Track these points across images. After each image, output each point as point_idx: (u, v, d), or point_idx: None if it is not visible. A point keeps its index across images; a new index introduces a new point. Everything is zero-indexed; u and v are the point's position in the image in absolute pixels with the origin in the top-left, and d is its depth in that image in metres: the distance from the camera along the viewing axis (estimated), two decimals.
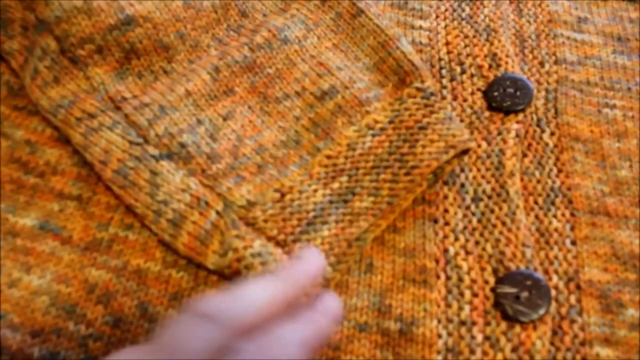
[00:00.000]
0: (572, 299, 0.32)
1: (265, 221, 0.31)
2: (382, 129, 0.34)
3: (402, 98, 0.35)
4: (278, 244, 0.31)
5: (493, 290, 0.32)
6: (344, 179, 0.33)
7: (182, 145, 0.33)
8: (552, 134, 0.38)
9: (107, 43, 0.35)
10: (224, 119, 0.34)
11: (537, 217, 0.35)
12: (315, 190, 0.32)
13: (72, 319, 0.31)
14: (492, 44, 0.40)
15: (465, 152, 0.34)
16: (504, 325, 0.31)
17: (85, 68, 0.35)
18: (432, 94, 0.35)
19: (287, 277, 0.27)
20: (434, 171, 0.34)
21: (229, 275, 0.31)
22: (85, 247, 0.33)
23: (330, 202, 0.32)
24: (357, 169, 0.33)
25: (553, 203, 0.35)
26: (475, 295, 0.32)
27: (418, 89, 0.35)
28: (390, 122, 0.34)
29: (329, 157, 0.34)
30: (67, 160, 0.35)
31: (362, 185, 0.33)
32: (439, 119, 0.34)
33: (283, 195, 0.32)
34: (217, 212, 0.31)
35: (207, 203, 0.31)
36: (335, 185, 0.33)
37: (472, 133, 0.37)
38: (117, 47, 0.35)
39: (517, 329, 0.31)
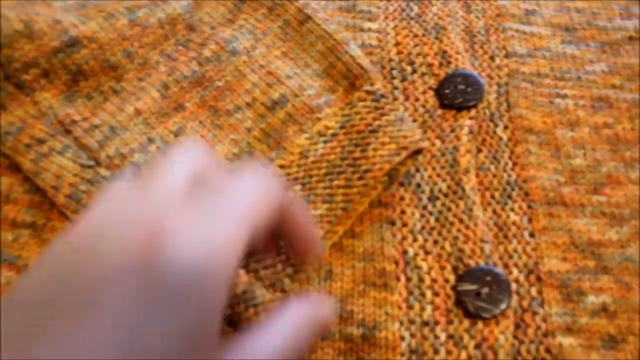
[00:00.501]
0: (533, 291, 0.33)
1: None
2: (333, 135, 0.34)
3: (353, 102, 0.35)
4: None
5: (454, 288, 0.32)
6: (298, 187, 0.33)
7: (134, 165, 0.33)
8: (506, 127, 0.38)
9: (53, 66, 0.34)
10: (175, 136, 0.34)
11: (494, 211, 0.35)
12: None
13: None
14: (441, 41, 0.40)
15: (419, 152, 0.34)
16: (466, 322, 0.31)
17: (32, 93, 0.34)
18: (382, 96, 0.35)
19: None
20: (388, 173, 0.34)
21: None
22: None
23: None
24: (310, 176, 0.33)
25: (510, 196, 0.35)
26: (436, 294, 0.32)
27: (368, 92, 0.35)
28: (342, 127, 0.34)
29: (282, 166, 0.33)
30: (18, 188, 0.35)
31: (315, 193, 0.33)
32: (389, 121, 0.34)
33: None
34: None
35: None
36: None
37: (425, 132, 0.37)
38: (64, 69, 0.34)
39: (480, 325, 0.31)
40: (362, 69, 0.36)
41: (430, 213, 0.34)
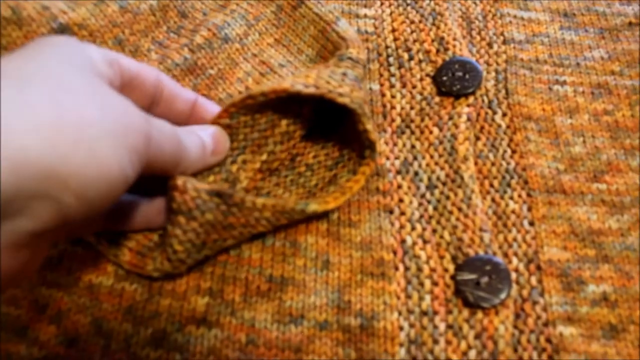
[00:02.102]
0: (533, 280, 0.32)
1: None
2: None
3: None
4: None
5: (453, 277, 0.32)
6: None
7: None
8: (504, 115, 0.37)
9: None
10: None
11: (493, 200, 0.34)
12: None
13: (24, 342, 0.30)
14: (438, 27, 0.40)
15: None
16: (466, 312, 0.31)
17: None
18: (349, 58, 0.33)
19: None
20: (367, 145, 0.32)
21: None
22: None
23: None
24: (292, 160, 0.33)
25: (509, 185, 0.35)
26: (435, 284, 0.32)
27: (339, 56, 0.34)
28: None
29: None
30: None
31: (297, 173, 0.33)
32: (332, 72, 0.32)
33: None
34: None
35: None
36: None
37: (422, 120, 0.36)
38: None
39: (480, 315, 0.31)
40: (343, 40, 0.35)
41: (429, 201, 0.34)
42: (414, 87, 0.38)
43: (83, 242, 0.33)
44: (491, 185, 0.35)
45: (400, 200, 0.34)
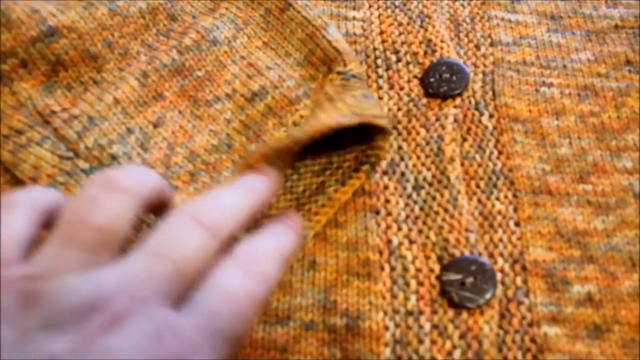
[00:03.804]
0: (518, 280, 0.32)
1: None
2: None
3: (324, 85, 0.34)
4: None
5: (438, 278, 0.32)
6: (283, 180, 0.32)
7: (113, 157, 0.32)
8: (491, 116, 0.37)
9: (32, 56, 0.34)
10: (155, 126, 0.34)
11: (479, 201, 0.35)
12: None
13: None
14: (426, 30, 0.40)
15: (387, 135, 0.33)
16: (451, 312, 0.31)
17: (10, 83, 0.34)
18: (353, 76, 0.34)
19: (250, 188, 0.26)
20: (366, 160, 0.33)
21: None
22: None
23: None
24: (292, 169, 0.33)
25: (495, 186, 0.35)
26: (420, 284, 0.32)
27: (339, 73, 0.34)
28: (312, 112, 0.34)
29: None
30: None
31: (295, 184, 0.32)
32: (354, 95, 0.33)
33: None
34: (150, 226, 0.30)
35: (140, 218, 0.30)
36: None
37: (410, 121, 0.37)
38: (42, 59, 0.34)
39: (464, 315, 0.31)
40: (337, 52, 0.35)
41: (415, 202, 0.34)
42: (402, 88, 0.38)
43: None
44: (477, 186, 0.35)
45: (387, 201, 0.34)
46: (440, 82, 0.37)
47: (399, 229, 0.33)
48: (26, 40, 0.34)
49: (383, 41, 0.40)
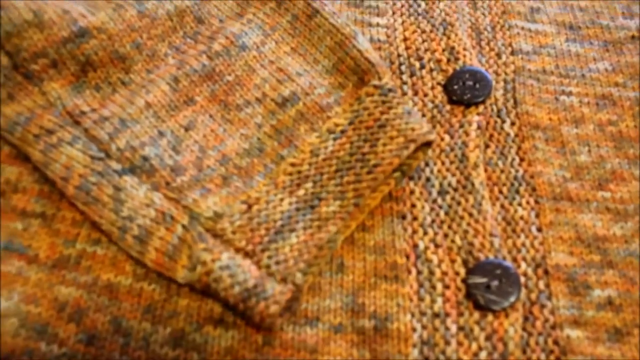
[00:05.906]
0: (541, 284, 0.33)
1: (233, 232, 0.31)
2: (342, 132, 0.34)
3: (361, 98, 0.35)
4: (247, 254, 0.31)
5: (464, 281, 0.33)
6: (309, 185, 0.33)
7: (145, 159, 0.32)
8: (513, 123, 0.38)
9: (62, 56, 0.34)
10: (186, 130, 0.34)
11: (502, 206, 0.35)
12: (282, 199, 0.32)
13: (44, 340, 0.31)
14: (449, 37, 0.41)
15: (429, 145, 0.35)
16: (476, 315, 0.32)
17: (40, 83, 0.34)
18: (390, 90, 0.35)
19: None
20: (399, 168, 0.35)
21: (199, 288, 0.31)
22: (53, 265, 0.33)
23: (297, 209, 0.32)
24: (321, 174, 0.33)
25: (517, 192, 0.36)
26: (447, 287, 0.33)
27: (376, 87, 0.35)
28: (350, 123, 0.34)
29: (293, 164, 0.34)
30: (27, 178, 0.35)
31: (327, 190, 0.33)
32: (397, 114, 0.34)
33: (250, 206, 0.32)
34: (184, 226, 0.31)
35: (172, 217, 0.31)
36: (301, 192, 0.33)
37: (434, 127, 0.37)
38: (72, 60, 0.34)
39: (490, 317, 0.32)
40: (370, 64, 0.36)
41: (440, 207, 0.35)
42: (426, 95, 0.39)
43: (102, 241, 0.33)
44: (500, 191, 0.36)
45: (413, 206, 0.35)
46: (464, 90, 0.38)
47: (425, 233, 0.34)
48: (57, 41, 0.34)
49: (407, 48, 0.40)
